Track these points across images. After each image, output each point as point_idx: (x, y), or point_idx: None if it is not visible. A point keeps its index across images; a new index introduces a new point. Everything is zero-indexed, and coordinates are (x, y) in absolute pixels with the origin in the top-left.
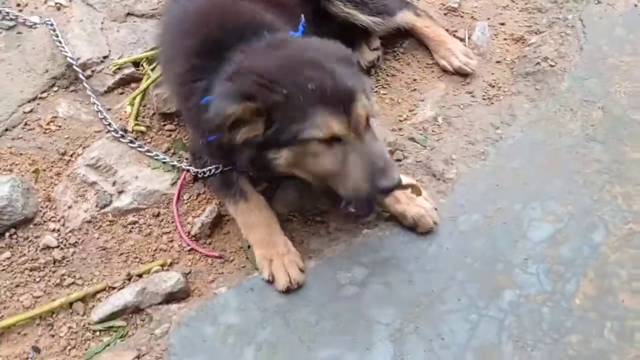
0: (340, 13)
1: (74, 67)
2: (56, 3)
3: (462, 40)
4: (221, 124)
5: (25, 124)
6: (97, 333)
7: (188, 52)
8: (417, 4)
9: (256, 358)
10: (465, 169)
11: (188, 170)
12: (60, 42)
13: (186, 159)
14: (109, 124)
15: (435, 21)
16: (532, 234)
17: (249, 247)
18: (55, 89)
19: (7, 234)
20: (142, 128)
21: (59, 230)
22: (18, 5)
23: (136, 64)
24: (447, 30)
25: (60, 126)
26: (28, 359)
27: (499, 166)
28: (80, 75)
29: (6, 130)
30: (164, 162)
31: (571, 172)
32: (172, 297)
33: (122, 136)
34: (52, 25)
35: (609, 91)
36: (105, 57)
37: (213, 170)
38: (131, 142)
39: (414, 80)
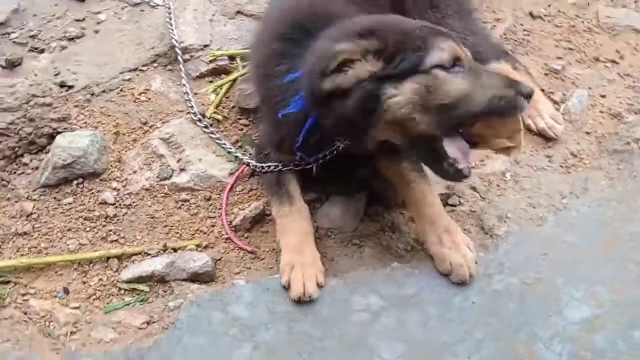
0: None
1: (176, 49)
2: None
3: (556, 103)
4: (326, 66)
5: (121, 90)
6: (122, 291)
7: (270, 38)
8: (519, 58)
9: (251, 356)
10: (517, 229)
11: (248, 164)
12: (171, 25)
13: (250, 154)
14: (191, 107)
15: (532, 78)
16: (568, 312)
17: (280, 250)
18: (155, 64)
19: (74, 182)
20: (219, 117)
21: (119, 190)
22: None
23: (231, 58)
24: (542, 90)
25: (149, 98)
26: (57, 297)
27: (554, 236)
28: (179, 58)
29: (103, 91)
30: (228, 152)
31: (628, 261)
32: (196, 277)
33: (199, 120)
34: (169, 8)
35: None
36: (205, 46)
37: (272, 168)
38: (206, 127)
39: None
